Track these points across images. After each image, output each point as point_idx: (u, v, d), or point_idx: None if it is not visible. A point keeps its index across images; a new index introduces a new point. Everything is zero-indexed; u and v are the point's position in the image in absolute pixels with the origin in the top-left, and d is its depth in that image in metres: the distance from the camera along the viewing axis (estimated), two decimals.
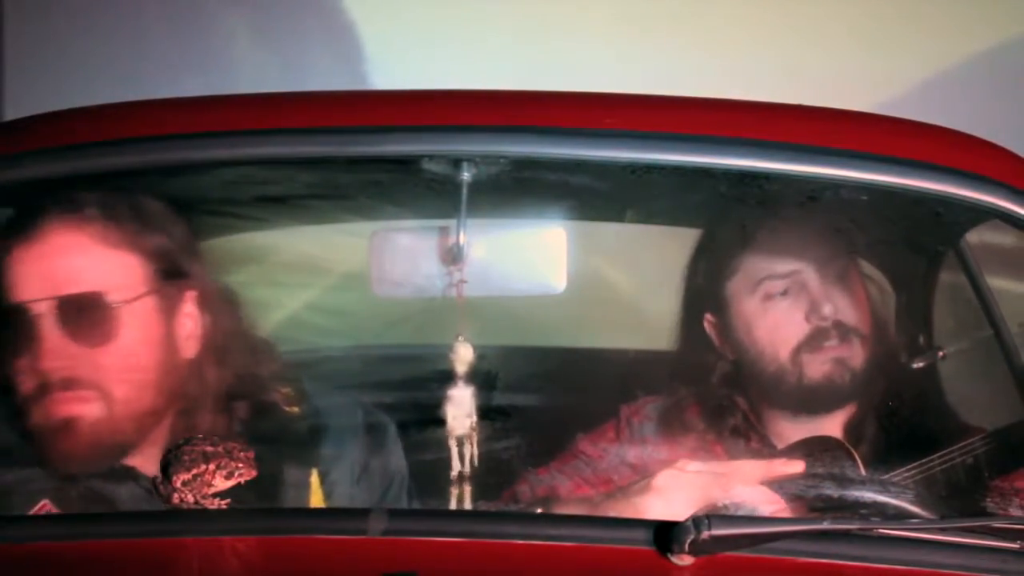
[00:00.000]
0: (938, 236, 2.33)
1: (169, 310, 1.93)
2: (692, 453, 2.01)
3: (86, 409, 1.85)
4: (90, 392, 1.86)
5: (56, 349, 1.83)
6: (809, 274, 2.17)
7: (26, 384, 1.85)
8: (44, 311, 1.84)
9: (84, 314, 1.84)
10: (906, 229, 2.25)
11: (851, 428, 2.16)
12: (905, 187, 1.95)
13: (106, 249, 1.89)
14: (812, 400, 2.15)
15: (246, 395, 1.94)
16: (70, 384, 1.84)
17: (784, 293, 2.18)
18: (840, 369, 2.14)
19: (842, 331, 2.15)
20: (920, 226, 2.23)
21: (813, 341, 2.15)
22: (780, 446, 2.14)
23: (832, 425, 2.15)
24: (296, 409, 2.00)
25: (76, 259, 1.87)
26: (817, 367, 2.14)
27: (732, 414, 2.17)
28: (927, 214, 2.11)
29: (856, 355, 2.15)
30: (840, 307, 2.15)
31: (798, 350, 2.15)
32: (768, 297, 2.18)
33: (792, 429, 2.15)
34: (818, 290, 2.16)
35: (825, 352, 2.14)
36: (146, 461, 1.90)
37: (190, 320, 1.95)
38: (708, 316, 2.23)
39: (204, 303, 1.96)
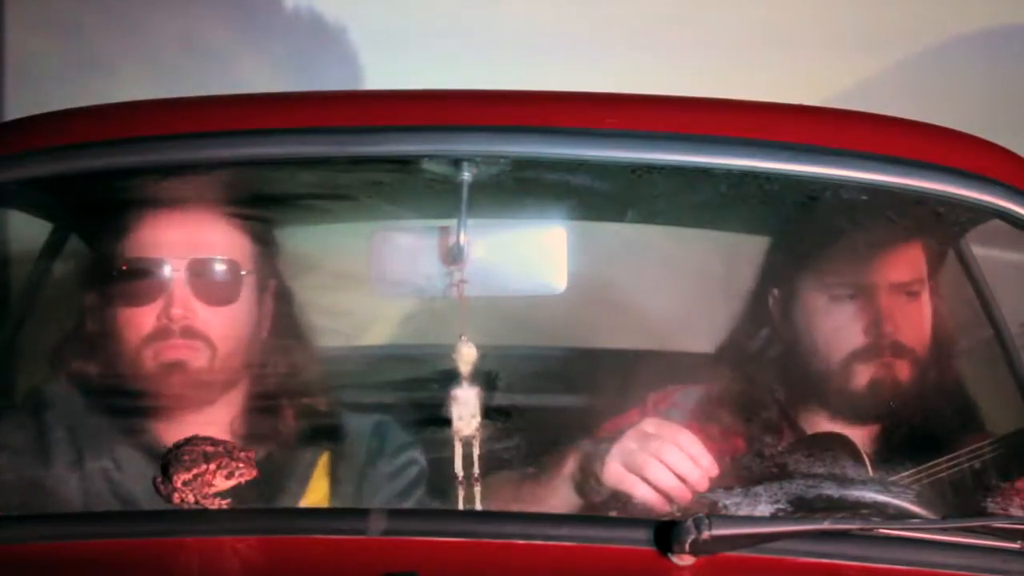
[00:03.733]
0: (938, 236, 2.32)
1: (262, 290, 2.16)
2: (715, 443, 2.00)
3: (194, 356, 2.08)
4: (201, 343, 2.08)
5: (184, 301, 2.07)
6: (882, 287, 2.17)
7: (146, 327, 2.08)
8: (180, 268, 2.09)
9: (213, 276, 2.11)
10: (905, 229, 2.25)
11: (879, 436, 2.16)
12: (905, 187, 1.95)
13: (231, 227, 2.14)
14: (852, 407, 2.16)
15: (291, 386, 2.16)
16: (188, 333, 2.07)
17: (852, 297, 2.18)
18: (887, 384, 2.14)
19: (897, 349, 2.15)
20: (920, 226, 2.23)
21: (868, 352, 2.15)
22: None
23: (863, 432, 2.15)
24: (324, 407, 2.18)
25: (210, 230, 2.13)
26: (865, 378, 2.15)
27: (767, 407, 2.17)
28: (927, 214, 2.11)
29: (904, 373, 2.16)
30: (902, 326, 2.16)
31: (852, 356, 2.16)
32: (835, 298, 2.18)
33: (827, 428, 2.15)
34: (885, 305, 2.16)
35: (876, 366, 2.15)
36: (210, 422, 2.07)
37: (268, 304, 2.17)
38: (774, 291, 2.24)
39: (277, 293, 2.19)
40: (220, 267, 2.12)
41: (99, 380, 2.12)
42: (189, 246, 2.11)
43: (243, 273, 2.12)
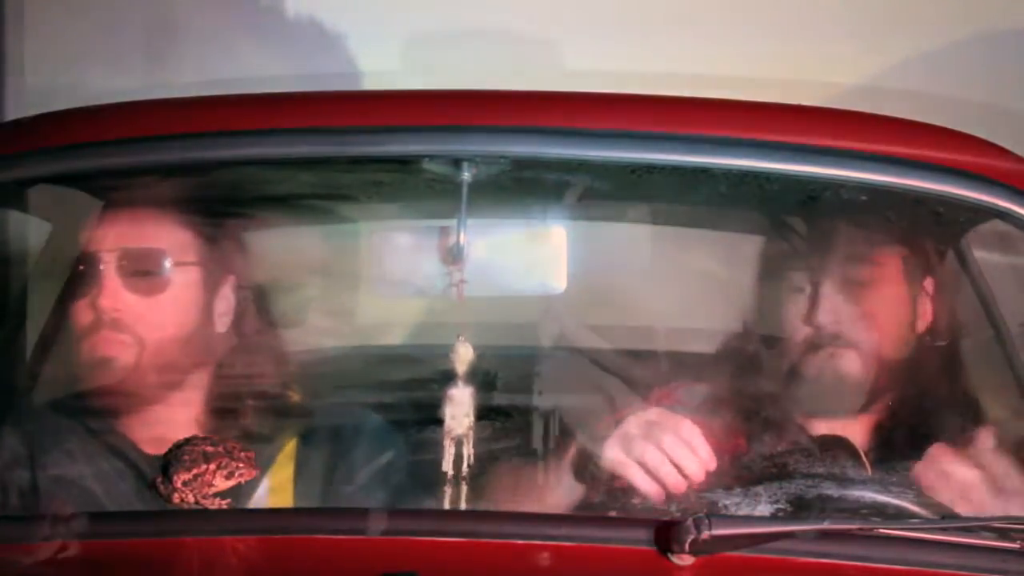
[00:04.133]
0: (938, 236, 2.32)
1: (211, 286, 2.13)
2: (716, 439, 2.00)
3: (123, 351, 2.05)
4: (129, 337, 2.06)
5: (113, 292, 2.06)
6: (832, 278, 2.15)
7: (81, 320, 2.07)
8: (111, 260, 2.07)
9: (142, 266, 2.08)
10: (906, 229, 2.25)
11: (870, 431, 2.15)
12: (905, 187, 1.95)
13: (169, 222, 2.12)
14: (812, 400, 2.14)
15: (262, 384, 2.14)
16: (116, 326, 2.06)
17: (801, 290, 2.17)
18: (833, 376, 2.11)
19: (839, 341, 2.13)
20: (920, 226, 2.23)
21: (811, 343, 2.14)
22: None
23: (849, 428, 2.14)
24: (300, 406, 2.15)
25: (145, 225, 2.11)
26: (812, 370, 2.12)
27: (766, 405, 2.16)
28: (927, 214, 2.11)
29: (855, 365, 2.12)
30: (845, 317, 2.14)
31: (799, 349, 2.15)
32: (792, 289, 2.18)
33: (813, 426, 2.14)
34: (830, 296, 2.15)
35: (820, 357, 2.13)
36: (151, 425, 2.07)
37: (225, 301, 2.14)
38: (761, 287, 2.24)
39: (240, 290, 2.17)
40: (151, 257, 2.09)
41: (64, 378, 2.14)
42: (124, 239, 2.09)
43: (176, 263, 2.09)
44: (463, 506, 1.93)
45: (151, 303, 2.08)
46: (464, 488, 1.93)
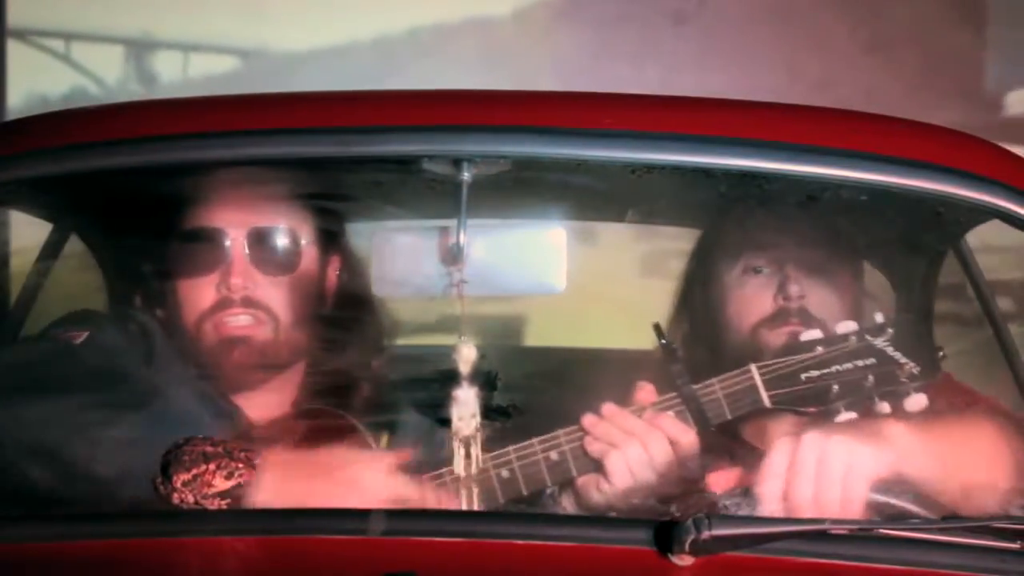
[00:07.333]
0: (938, 236, 2.33)
1: (324, 263, 2.18)
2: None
3: (257, 327, 2.10)
4: (263, 313, 2.10)
5: (244, 270, 2.10)
6: (792, 258, 2.15)
7: (207, 298, 2.10)
8: (239, 237, 2.10)
9: (273, 245, 2.13)
10: (906, 229, 2.25)
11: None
12: (905, 187, 1.95)
13: (290, 200, 2.15)
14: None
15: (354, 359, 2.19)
16: (249, 303, 2.09)
17: (759, 271, 2.18)
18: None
19: (805, 317, 2.12)
20: (920, 226, 2.23)
21: (774, 320, 2.14)
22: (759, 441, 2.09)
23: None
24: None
25: (270, 202, 2.14)
26: (772, 346, 2.09)
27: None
28: (927, 214, 2.11)
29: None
30: (812, 294, 2.14)
31: (758, 327, 2.14)
32: (746, 271, 2.18)
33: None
34: (794, 274, 2.15)
35: (782, 331, 2.12)
36: (271, 397, 2.13)
37: (332, 277, 2.20)
38: (696, 290, 2.24)
39: (343, 268, 2.22)
40: (280, 236, 2.13)
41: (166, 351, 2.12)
42: (247, 216, 2.12)
43: (303, 243, 2.13)
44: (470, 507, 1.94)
45: (281, 282, 2.11)
46: (470, 488, 1.93)
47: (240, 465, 1.81)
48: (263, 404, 2.14)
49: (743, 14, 5.49)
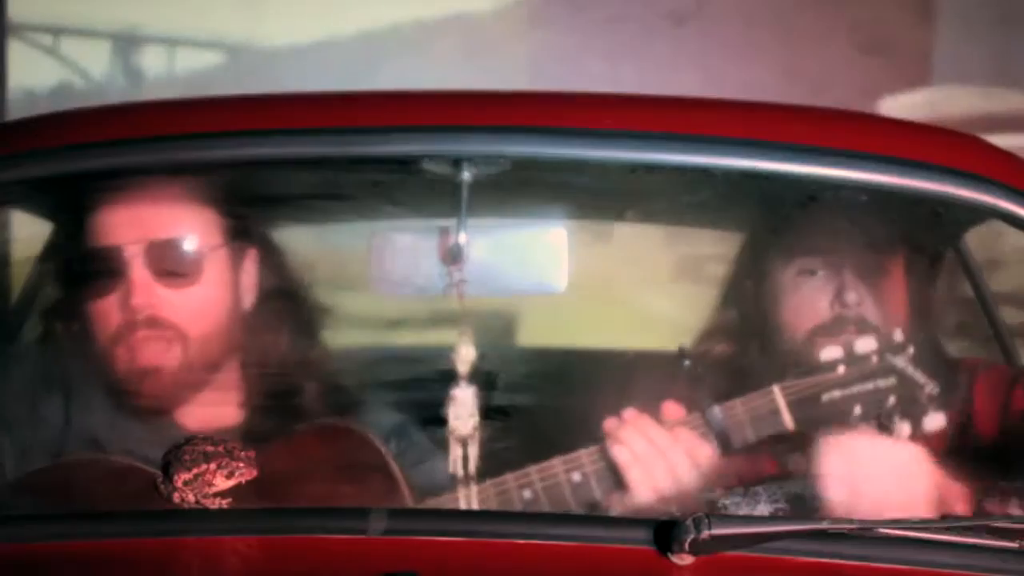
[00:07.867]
0: (938, 236, 2.33)
1: (237, 265, 2.08)
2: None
3: (167, 348, 2.01)
4: (171, 332, 2.00)
5: (144, 289, 1.99)
6: (847, 263, 2.15)
7: (110, 323, 2.00)
8: (135, 254, 2.00)
9: (171, 258, 2.02)
10: (905, 229, 2.25)
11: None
12: (905, 187, 1.95)
13: (190, 203, 2.05)
14: None
15: (290, 360, 2.11)
16: (155, 323, 2.00)
17: (814, 273, 2.17)
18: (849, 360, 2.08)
19: (862, 324, 2.12)
20: (920, 226, 2.23)
21: (831, 327, 2.14)
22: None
23: None
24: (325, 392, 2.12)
25: (166, 210, 2.04)
26: (827, 353, 2.09)
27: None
28: (927, 214, 2.11)
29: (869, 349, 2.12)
30: (867, 301, 2.13)
31: (815, 332, 2.14)
32: (801, 272, 2.17)
33: None
34: (850, 280, 2.14)
35: (839, 340, 2.12)
36: (197, 412, 2.04)
37: (248, 275, 2.11)
38: (742, 293, 2.24)
39: (262, 261, 2.13)
40: (179, 246, 2.02)
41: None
42: (144, 230, 2.02)
43: (208, 249, 2.03)
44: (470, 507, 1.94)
45: (187, 295, 2.02)
46: (473, 488, 1.93)
47: (241, 465, 1.81)
48: (206, 405, 2.06)
49: (742, 15, 5.49)
